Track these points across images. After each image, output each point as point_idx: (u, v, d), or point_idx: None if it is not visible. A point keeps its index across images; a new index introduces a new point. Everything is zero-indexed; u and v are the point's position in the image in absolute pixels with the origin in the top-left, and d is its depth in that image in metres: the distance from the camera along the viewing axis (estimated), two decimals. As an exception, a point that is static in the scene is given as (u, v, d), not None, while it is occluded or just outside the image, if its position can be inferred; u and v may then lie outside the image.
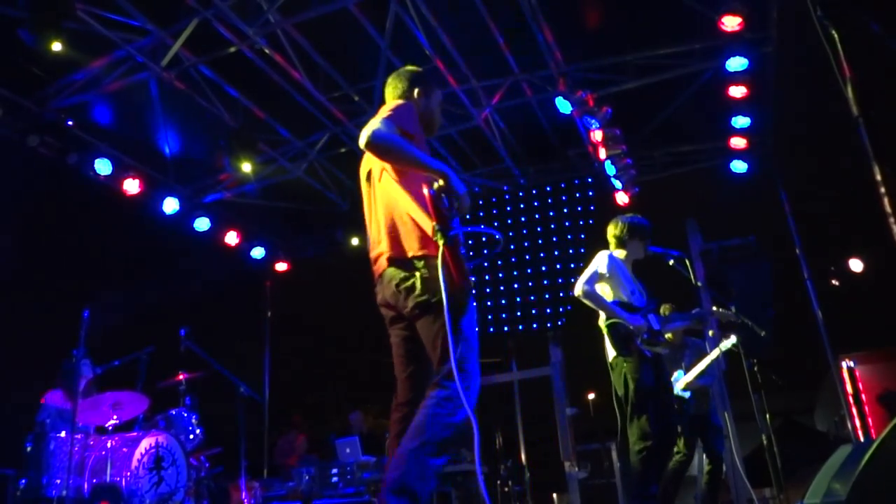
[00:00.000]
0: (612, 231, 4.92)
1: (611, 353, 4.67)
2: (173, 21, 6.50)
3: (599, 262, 4.71)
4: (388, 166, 2.93)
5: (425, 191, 2.70)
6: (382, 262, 2.93)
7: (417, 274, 2.78)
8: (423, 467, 2.50)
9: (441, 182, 2.70)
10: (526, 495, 8.58)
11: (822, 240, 9.17)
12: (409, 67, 3.38)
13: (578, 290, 4.62)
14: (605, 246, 4.98)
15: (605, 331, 4.62)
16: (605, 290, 4.68)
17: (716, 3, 6.48)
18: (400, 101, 3.08)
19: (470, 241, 9.64)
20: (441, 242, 2.66)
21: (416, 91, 3.24)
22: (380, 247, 2.97)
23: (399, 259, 2.85)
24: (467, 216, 2.86)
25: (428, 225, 2.75)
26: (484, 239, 9.19)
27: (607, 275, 4.67)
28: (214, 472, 6.11)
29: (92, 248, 7.81)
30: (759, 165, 8.71)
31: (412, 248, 2.83)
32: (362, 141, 2.76)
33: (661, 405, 4.51)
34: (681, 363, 6.07)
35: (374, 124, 2.78)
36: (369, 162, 3.12)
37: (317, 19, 6.43)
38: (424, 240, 2.81)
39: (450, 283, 2.68)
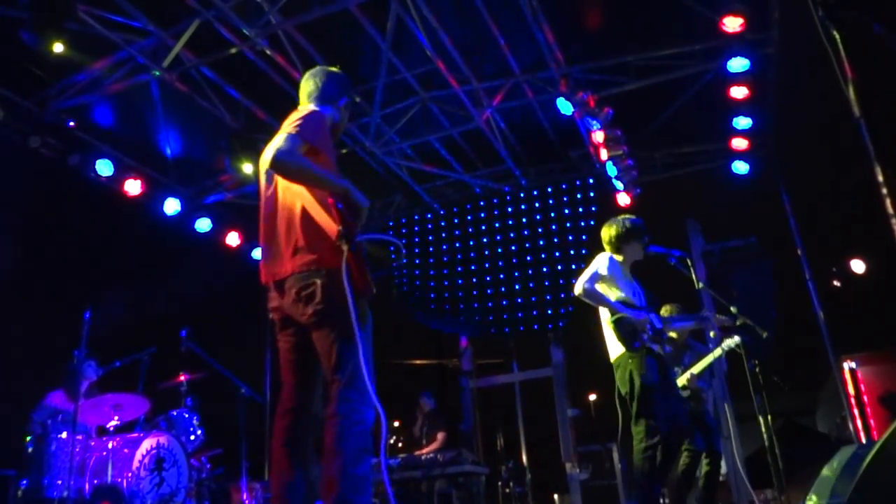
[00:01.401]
0: (608, 234, 4.91)
1: (614, 351, 4.66)
2: (174, 22, 6.51)
3: (600, 263, 4.71)
4: None
5: (330, 199, 2.74)
6: (283, 269, 2.86)
7: (318, 282, 2.75)
8: (353, 480, 2.53)
9: (342, 198, 2.75)
10: (527, 496, 8.58)
11: (823, 241, 9.17)
12: (332, 68, 3.29)
13: (578, 289, 4.61)
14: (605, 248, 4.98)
15: (610, 327, 4.59)
16: (605, 291, 4.68)
17: (717, 3, 6.47)
18: (309, 110, 3.01)
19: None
20: (345, 248, 2.68)
21: (343, 102, 3.21)
22: (279, 253, 2.90)
23: (300, 266, 2.81)
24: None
25: (332, 231, 2.74)
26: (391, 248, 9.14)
27: (607, 276, 4.66)
28: (216, 473, 6.11)
29: (93, 249, 7.81)
30: (761, 166, 8.70)
31: (314, 256, 2.79)
32: (265, 161, 2.76)
33: (668, 404, 4.51)
34: (681, 364, 6.07)
35: (279, 142, 2.76)
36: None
37: (318, 20, 6.43)
38: (327, 248, 2.78)
39: (353, 289, 2.70)
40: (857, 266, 9.43)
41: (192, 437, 5.81)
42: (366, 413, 2.65)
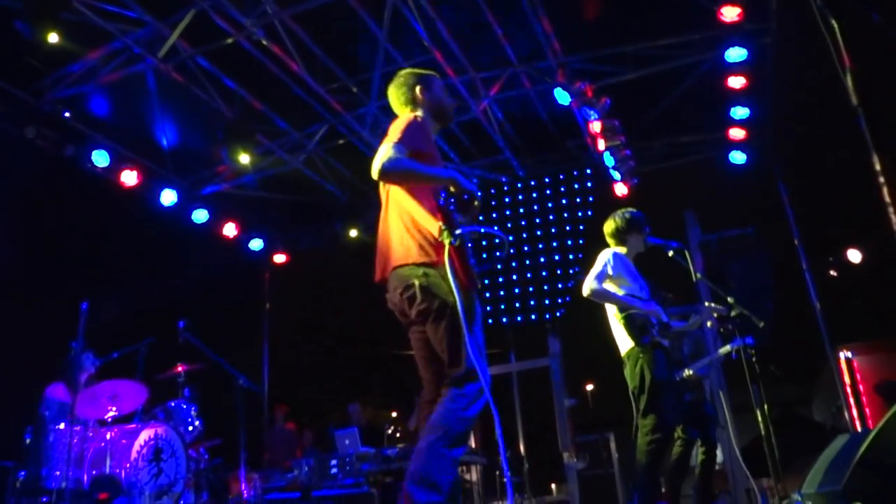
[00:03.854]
0: (610, 228, 4.91)
1: (624, 345, 4.67)
2: (170, 12, 6.47)
3: (606, 261, 4.70)
4: None
5: (437, 198, 2.78)
6: (388, 269, 2.98)
7: (416, 283, 2.82)
8: (441, 459, 2.60)
9: (452, 188, 2.82)
10: (524, 486, 8.61)
11: (820, 231, 9.17)
12: (404, 71, 3.39)
13: (587, 289, 4.61)
14: (603, 237, 4.98)
15: (620, 322, 4.60)
16: (612, 288, 4.68)
17: (715, -7, 6.46)
18: (407, 119, 3.06)
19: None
20: (447, 242, 2.71)
21: (417, 90, 3.27)
22: (385, 253, 3.02)
23: (401, 266, 2.90)
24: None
25: (433, 229, 2.80)
26: (484, 242, 9.18)
27: (613, 273, 4.66)
28: (214, 464, 6.13)
29: (90, 240, 7.79)
30: (758, 156, 8.70)
31: (413, 255, 2.88)
32: (375, 173, 2.82)
33: (674, 398, 4.56)
34: (680, 351, 6.08)
35: (386, 152, 2.82)
36: None
37: (314, 10, 6.41)
38: (427, 246, 2.87)
39: (458, 283, 2.73)
40: (854, 256, 9.44)
41: (191, 428, 5.82)
42: (473, 406, 2.72)
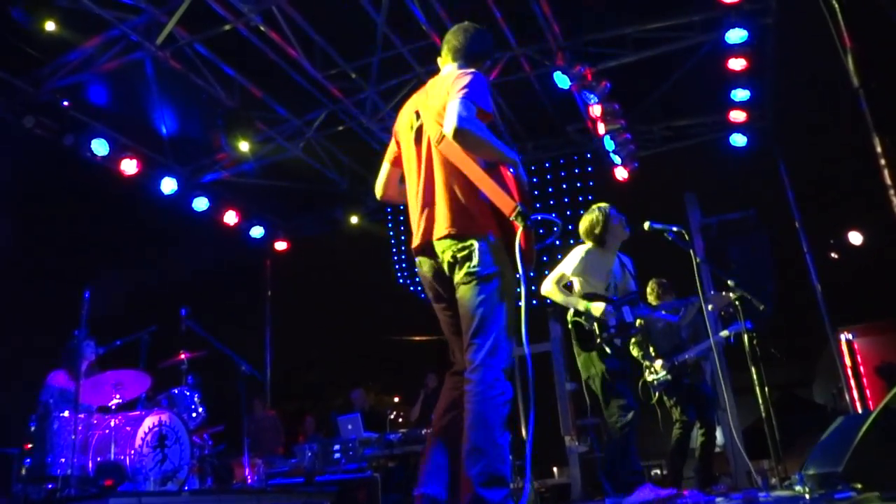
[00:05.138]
0: (584, 227, 4.96)
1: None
2: (167, -1, 6.43)
3: (566, 264, 4.81)
4: None
5: (511, 171, 2.70)
6: (437, 234, 2.79)
7: (476, 245, 2.70)
8: (499, 450, 2.54)
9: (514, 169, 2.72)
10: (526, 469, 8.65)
11: (821, 213, 9.16)
12: (483, 28, 3.18)
13: (545, 288, 4.83)
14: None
15: (569, 325, 4.77)
16: (577, 286, 4.83)
17: (715, -26, 6.41)
18: (471, 73, 2.83)
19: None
20: (521, 224, 2.62)
21: (486, 65, 3.11)
22: (435, 217, 2.81)
23: (458, 234, 2.73)
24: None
25: (505, 206, 2.64)
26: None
27: (571, 274, 4.76)
28: (218, 450, 6.16)
29: (91, 228, 7.80)
30: (759, 139, 8.67)
31: (473, 225, 2.74)
32: (448, 129, 2.63)
33: (631, 384, 4.75)
34: (678, 335, 6.10)
35: (461, 108, 2.63)
36: (424, 117, 2.94)
37: (312, -5, 6.37)
38: (488, 218, 2.75)
39: (506, 261, 2.69)
40: (855, 238, 9.44)
41: (194, 415, 5.85)
42: (507, 384, 2.64)
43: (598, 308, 4.63)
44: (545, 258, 8.42)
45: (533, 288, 9.06)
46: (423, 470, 2.74)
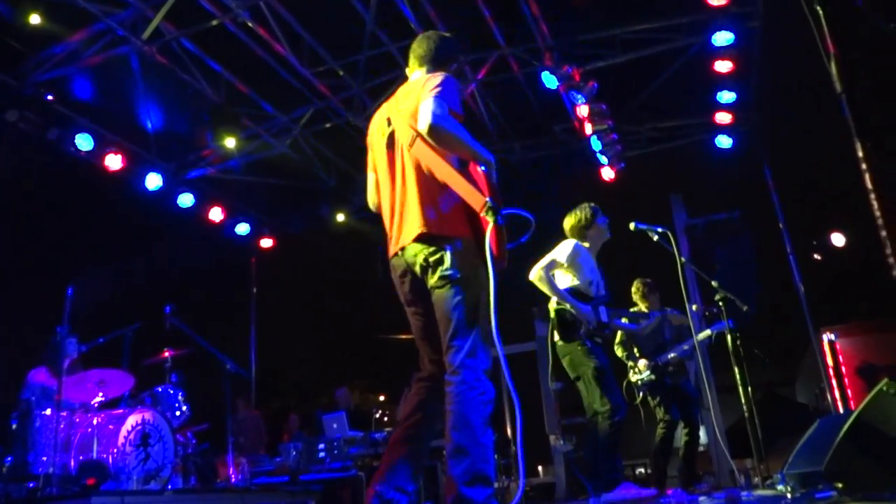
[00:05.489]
0: (570, 224, 4.99)
1: (557, 337, 4.82)
2: (153, -7, 6.39)
3: (560, 251, 4.82)
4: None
5: (481, 168, 2.70)
6: (408, 237, 2.80)
7: (448, 249, 2.72)
8: (482, 449, 2.55)
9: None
10: (511, 468, 8.68)
11: (805, 214, 9.24)
12: (445, 34, 3.21)
13: (533, 274, 4.77)
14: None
15: (552, 315, 4.76)
16: (564, 278, 4.83)
17: (702, -24, 6.45)
18: (441, 75, 2.87)
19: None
20: (492, 220, 2.61)
21: (453, 68, 3.12)
22: (406, 220, 2.83)
23: (430, 235, 2.75)
24: None
25: (476, 202, 2.64)
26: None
27: (566, 264, 4.77)
28: (202, 449, 6.13)
29: (74, 225, 7.73)
30: (744, 140, 8.74)
31: (445, 225, 2.75)
32: (423, 125, 2.65)
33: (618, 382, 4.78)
34: (661, 335, 6.13)
35: (434, 105, 2.66)
36: (395, 122, 2.96)
37: (300, -8, 6.34)
38: (460, 218, 2.76)
39: (478, 260, 2.68)
40: (837, 239, 9.53)
41: (178, 413, 5.81)
42: (488, 383, 2.66)
43: (580, 310, 4.67)
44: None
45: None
46: (382, 468, 2.74)
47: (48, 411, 5.11)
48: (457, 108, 2.78)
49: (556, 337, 4.83)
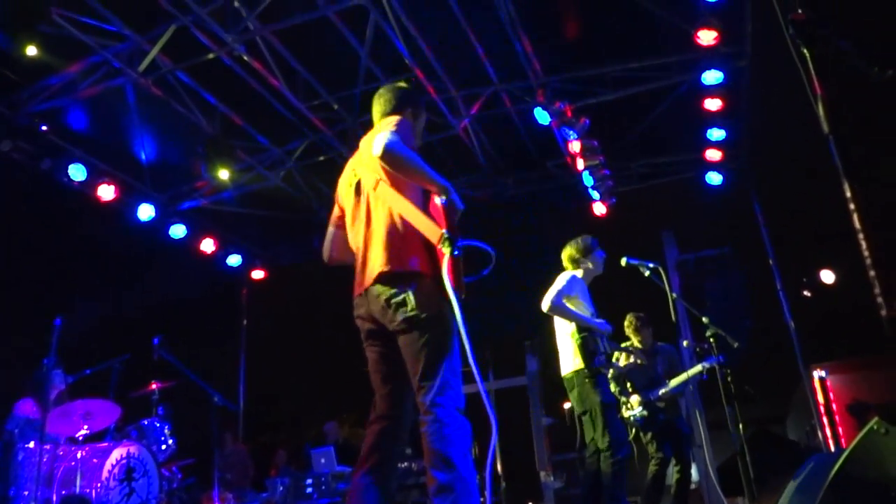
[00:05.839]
0: (567, 254, 5.04)
1: (567, 367, 4.79)
2: (151, 27, 6.44)
3: (566, 282, 4.82)
4: (385, 177, 2.88)
5: (438, 200, 2.73)
6: (370, 276, 2.85)
7: (409, 290, 2.75)
8: (465, 485, 2.54)
9: (445, 197, 2.75)
10: (502, 506, 8.56)
11: (795, 251, 9.30)
12: (402, 84, 3.37)
13: (546, 304, 4.76)
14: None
15: (575, 343, 4.71)
16: (572, 308, 4.80)
17: (692, 17, 6.57)
18: (396, 117, 3.04)
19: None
20: (447, 251, 2.64)
21: (408, 111, 3.22)
22: (369, 260, 2.90)
23: (391, 274, 2.79)
24: None
25: (432, 235, 2.69)
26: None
27: (572, 294, 4.78)
28: (187, 483, 6.03)
29: (65, 255, 7.69)
30: (734, 177, 8.83)
31: (406, 263, 2.79)
32: (377, 150, 2.72)
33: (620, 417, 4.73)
34: (654, 370, 6.12)
35: (388, 135, 2.74)
36: (360, 172, 3.07)
37: (296, 27, 6.42)
38: (421, 256, 2.80)
39: (439, 297, 2.70)
40: (827, 277, 9.58)
41: (164, 447, 5.74)
42: (462, 418, 2.66)
43: (605, 329, 4.66)
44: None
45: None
46: None
47: (31, 444, 5.04)
48: (412, 144, 2.89)
49: (572, 367, 4.76)
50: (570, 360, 4.79)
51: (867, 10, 5.08)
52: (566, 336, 4.82)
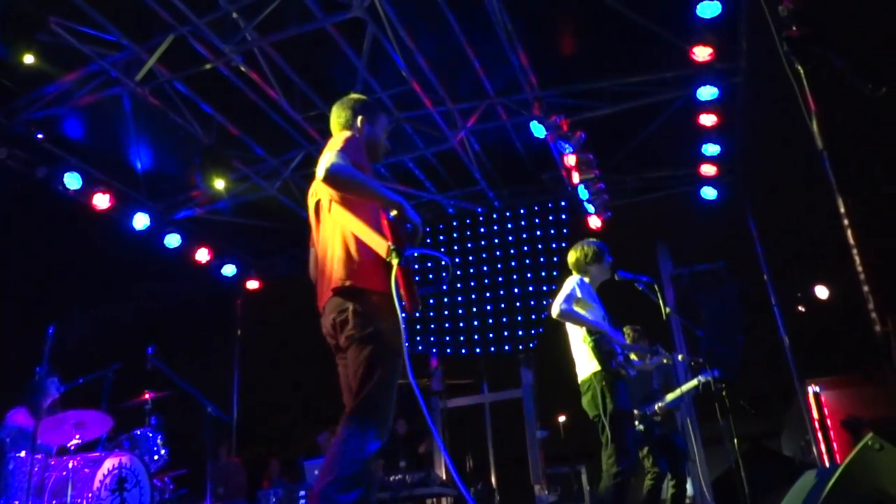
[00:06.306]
0: (574, 258, 4.99)
1: (584, 370, 4.69)
2: (149, 36, 6.46)
3: (575, 285, 4.75)
4: (336, 197, 2.92)
5: (389, 217, 2.76)
6: (326, 293, 2.92)
7: (350, 307, 2.78)
8: (326, 500, 2.51)
9: (395, 212, 2.77)
10: (495, 519, 8.53)
11: (789, 267, 9.33)
12: (353, 96, 3.38)
13: (556, 310, 4.65)
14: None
15: (588, 346, 4.61)
16: (581, 312, 4.72)
17: (688, 33, 6.62)
18: (347, 134, 3.08)
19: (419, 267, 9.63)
20: (395, 262, 2.68)
21: (359, 119, 3.25)
22: (324, 279, 2.97)
23: (339, 291, 2.84)
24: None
25: (381, 249, 2.76)
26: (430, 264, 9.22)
27: (580, 298, 4.71)
28: (179, 494, 5.99)
29: (59, 263, 7.67)
30: (729, 192, 8.86)
31: (354, 281, 2.82)
32: (320, 174, 2.76)
33: (633, 428, 4.59)
34: (650, 385, 6.12)
35: (331, 157, 2.78)
36: (318, 193, 3.16)
37: (294, 38, 6.44)
38: (371, 273, 2.82)
39: (387, 313, 2.71)
40: (822, 292, 9.61)
41: (156, 457, 5.69)
42: (369, 442, 2.62)
43: (615, 337, 4.61)
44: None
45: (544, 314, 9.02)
46: None
47: (23, 453, 5.00)
48: (360, 161, 2.91)
49: (589, 370, 4.67)
50: (585, 363, 4.70)
51: (861, 28, 5.13)
52: (579, 341, 4.75)
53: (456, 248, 9.72)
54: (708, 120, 7.59)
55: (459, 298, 9.52)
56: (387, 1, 6.15)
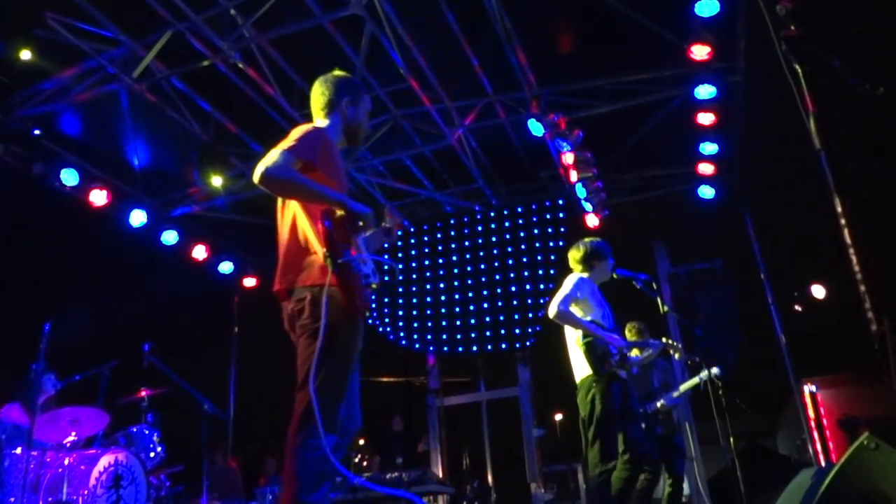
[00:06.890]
0: (576, 256, 4.98)
1: (580, 372, 4.70)
2: (146, 33, 6.45)
3: (573, 285, 4.75)
4: None
5: (325, 224, 2.73)
6: (281, 285, 2.92)
7: (307, 298, 2.77)
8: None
9: (341, 212, 2.74)
10: (490, 516, 8.54)
11: (786, 266, 9.34)
12: (337, 73, 3.28)
13: (553, 311, 4.65)
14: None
15: (581, 348, 4.63)
16: (577, 313, 4.72)
17: (686, 32, 6.62)
18: (306, 129, 2.98)
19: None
20: (330, 268, 2.67)
21: (344, 101, 3.17)
22: (280, 269, 2.95)
23: (295, 285, 2.84)
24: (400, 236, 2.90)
25: (321, 252, 2.75)
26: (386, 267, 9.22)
27: (580, 297, 4.71)
28: (175, 491, 5.98)
29: (56, 260, 7.65)
30: (726, 191, 8.87)
31: (307, 276, 2.81)
32: (255, 177, 2.74)
33: (629, 429, 4.58)
34: (650, 383, 6.12)
35: (270, 157, 2.75)
36: None
37: (292, 35, 6.43)
38: (318, 265, 2.80)
39: (337, 309, 2.72)
40: (818, 291, 9.62)
41: (152, 454, 5.68)
42: (323, 439, 2.59)
43: (611, 339, 4.60)
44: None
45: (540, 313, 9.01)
46: None
47: (18, 450, 4.99)
48: (312, 159, 2.84)
49: (582, 372, 4.68)
50: (580, 366, 4.71)
51: (860, 27, 5.13)
52: (574, 342, 4.76)
53: (453, 245, 9.72)
54: (706, 119, 7.59)
55: (457, 296, 9.51)
56: (385, -2, 6.14)
